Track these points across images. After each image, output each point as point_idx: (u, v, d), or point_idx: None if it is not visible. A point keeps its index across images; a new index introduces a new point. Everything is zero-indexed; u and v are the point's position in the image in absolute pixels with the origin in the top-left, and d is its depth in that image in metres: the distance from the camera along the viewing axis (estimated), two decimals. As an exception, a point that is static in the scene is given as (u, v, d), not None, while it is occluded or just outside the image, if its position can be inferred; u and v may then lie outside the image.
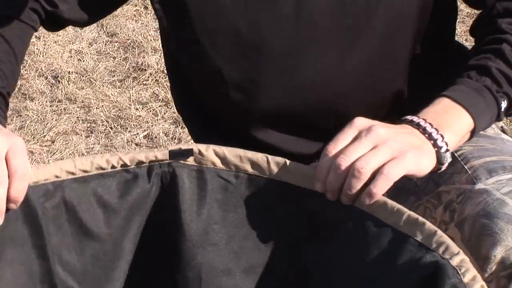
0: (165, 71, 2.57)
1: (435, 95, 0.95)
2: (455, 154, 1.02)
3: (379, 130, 0.86)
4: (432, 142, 0.88)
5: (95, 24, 2.88)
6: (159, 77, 2.57)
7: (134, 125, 2.36)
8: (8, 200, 0.89)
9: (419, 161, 0.86)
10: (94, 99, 2.47)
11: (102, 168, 0.93)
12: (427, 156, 0.87)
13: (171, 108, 2.41)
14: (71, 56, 2.70)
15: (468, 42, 2.55)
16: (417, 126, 0.90)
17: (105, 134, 2.33)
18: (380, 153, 0.84)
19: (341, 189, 0.86)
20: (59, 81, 2.55)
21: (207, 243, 0.94)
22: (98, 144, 2.30)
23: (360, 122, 0.88)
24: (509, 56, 0.97)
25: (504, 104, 0.96)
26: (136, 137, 2.31)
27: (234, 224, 0.94)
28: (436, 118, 0.91)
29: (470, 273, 0.76)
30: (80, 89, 2.52)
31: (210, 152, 0.93)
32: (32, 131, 2.34)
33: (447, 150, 0.89)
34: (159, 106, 2.43)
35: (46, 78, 2.58)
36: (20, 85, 2.49)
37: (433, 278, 0.78)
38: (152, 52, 2.70)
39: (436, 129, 0.89)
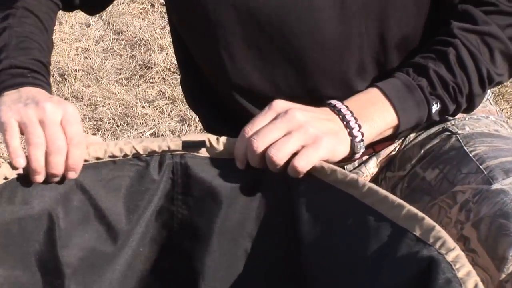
0: (172, 69, 2.59)
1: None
2: (470, 154, 1.02)
3: (296, 114, 0.88)
4: (348, 130, 0.91)
5: (101, 22, 2.88)
6: (166, 75, 2.57)
7: (140, 123, 2.36)
8: (67, 168, 0.89)
9: (334, 148, 0.88)
10: (100, 97, 2.47)
11: (114, 156, 0.93)
12: (342, 143, 0.90)
13: (177, 106, 2.41)
14: (78, 54, 2.70)
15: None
16: (338, 112, 0.92)
17: (112, 132, 2.34)
18: (292, 140, 0.86)
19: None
20: (65, 79, 2.55)
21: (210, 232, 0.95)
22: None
23: (279, 105, 0.90)
24: (451, 61, 0.97)
25: (435, 107, 0.97)
26: (143, 135, 2.32)
27: (238, 211, 0.95)
28: (360, 107, 0.93)
29: (465, 268, 0.77)
30: (86, 87, 2.52)
31: (220, 144, 0.94)
32: (39, 128, 2.34)
33: (362, 140, 0.91)
34: (166, 104, 2.43)
35: (53, 76, 2.58)
36: (27, 82, 2.49)
37: (428, 272, 0.79)
38: (158, 50, 2.70)
39: (355, 118, 0.91)
